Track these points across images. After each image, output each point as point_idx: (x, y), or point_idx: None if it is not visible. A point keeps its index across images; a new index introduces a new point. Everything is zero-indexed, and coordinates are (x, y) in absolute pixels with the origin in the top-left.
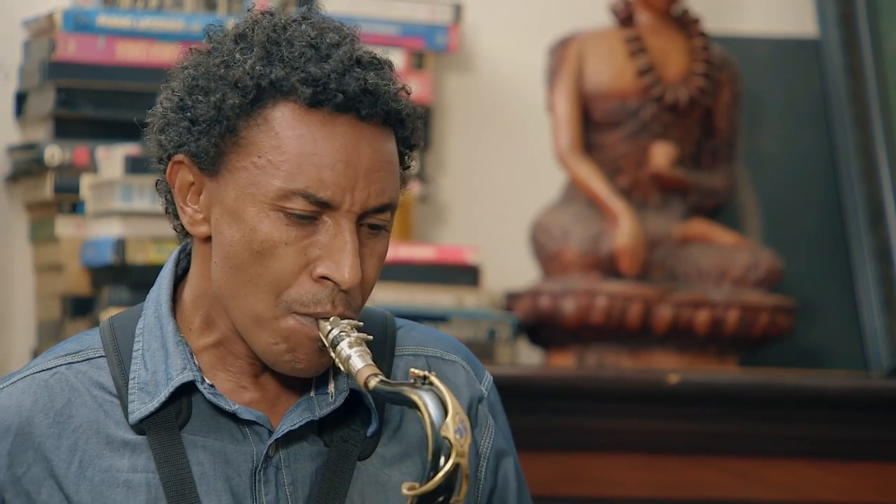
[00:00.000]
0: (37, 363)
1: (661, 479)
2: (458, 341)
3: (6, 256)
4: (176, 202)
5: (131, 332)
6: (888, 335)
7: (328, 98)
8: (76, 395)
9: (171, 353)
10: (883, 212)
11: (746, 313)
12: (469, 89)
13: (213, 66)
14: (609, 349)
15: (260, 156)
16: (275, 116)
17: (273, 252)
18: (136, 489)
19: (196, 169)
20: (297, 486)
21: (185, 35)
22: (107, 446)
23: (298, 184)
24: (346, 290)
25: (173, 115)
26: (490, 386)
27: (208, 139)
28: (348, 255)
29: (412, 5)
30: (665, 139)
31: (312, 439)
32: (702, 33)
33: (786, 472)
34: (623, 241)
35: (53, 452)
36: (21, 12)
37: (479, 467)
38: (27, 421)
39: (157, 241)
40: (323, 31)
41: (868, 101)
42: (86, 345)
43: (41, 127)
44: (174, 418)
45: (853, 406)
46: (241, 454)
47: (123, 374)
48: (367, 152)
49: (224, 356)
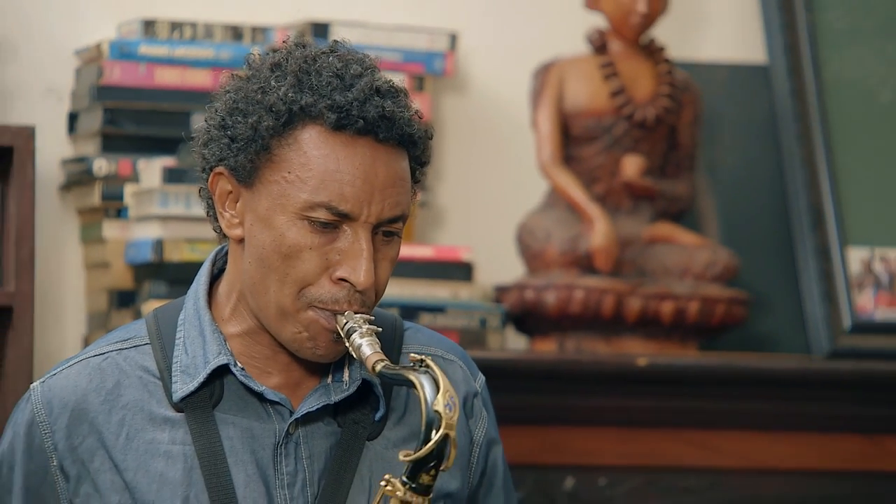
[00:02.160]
0: (91, 349)
1: (632, 450)
2: (456, 344)
3: (60, 256)
4: (216, 208)
5: (173, 322)
6: (827, 323)
7: (350, 123)
8: (124, 376)
9: (208, 340)
10: (823, 217)
11: (706, 304)
12: (463, 108)
13: (252, 91)
14: (586, 336)
15: (290, 171)
16: (303, 137)
17: (299, 255)
18: (174, 459)
19: (234, 180)
20: (313, 460)
21: (215, 62)
22: (150, 422)
23: (322, 197)
24: (361, 291)
25: (215, 133)
26: (483, 384)
27: (245, 155)
28: (364, 260)
29: (413, 35)
30: (635, 152)
31: (328, 420)
32: (666, 60)
33: (739, 442)
34: (598, 241)
35: (104, 426)
36: (73, 43)
37: (473, 453)
38: (82, 398)
39: (190, 242)
40: (348, 62)
41: (810, 120)
42: (133, 333)
43: (90, 142)
44: (208, 399)
45: (797, 385)
46: (265, 431)
47: (166, 358)
48: (383, 170)
49: (251, 345)
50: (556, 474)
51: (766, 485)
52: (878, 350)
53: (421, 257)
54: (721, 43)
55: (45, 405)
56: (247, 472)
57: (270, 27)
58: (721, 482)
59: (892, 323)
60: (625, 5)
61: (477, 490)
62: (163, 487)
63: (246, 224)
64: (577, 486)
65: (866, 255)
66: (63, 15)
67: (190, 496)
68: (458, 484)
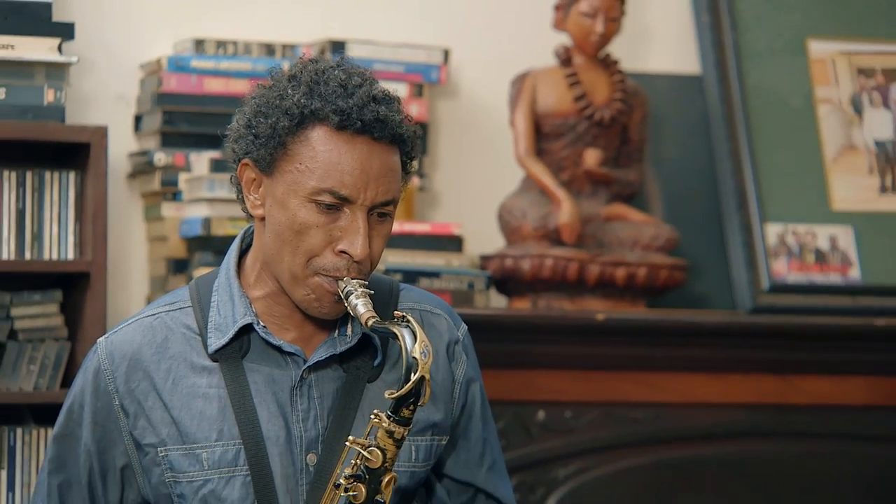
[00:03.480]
0: (145, 311)
1: (592, 388)
2: (442, 300)
3: (127, 231)
4: (243, 192)
5: (209, 289)
6: (749, 285)
7: (351, 124)
8: (171, 333)
9: (237, 303)
10: (746, 199)
11: (652, 270)
12: (454, 111)
13: (272, 97)
14: (554, 296)
15: (301, 163)
16: (313, 135)
17: (307, 231)
18: (211, 399)
19: (257, 169)
20: (323, 399)
21: (252, 73)
22: (191, 369)
23: (327, 184)
24: (358, 262)
25: (243, 131)
26: (465, 332)
27: (266, 149)
28: (360, 237)
29: (413, 51)
30: (594, 146)
31: (335, 367)
32: (619, 71)
33: (678, 382)
34: (564, 218)
35: (155, 373)
36: (138, 58)
37: (455, 390)
38: (137, 351)
39: (232, 220)
40: (350, 74)
41: (736, 121)
42: (178, 298)
43: (152, 139)
44: (238, 351)
45: (725, 335)
46: (283, 376)
47: (204, 318)
48: (377, 163)
49: (272, 306)
50: (530, 408)
51: (699, 416)
52: (790, 307)
53: (420, 232)
54: (663, 57)
55: (108, 356)
56: (269, 410)
57: (298, 44)
58: (663, 414)
59: (801, 285)
60: (585, 27)
61: (459, 420)
62: (202, 422)
63: (266, 205)
64: (547, 418)
65: (781, 229)
66: (129, 36)
67: (223, 429)
68: (442, 416)
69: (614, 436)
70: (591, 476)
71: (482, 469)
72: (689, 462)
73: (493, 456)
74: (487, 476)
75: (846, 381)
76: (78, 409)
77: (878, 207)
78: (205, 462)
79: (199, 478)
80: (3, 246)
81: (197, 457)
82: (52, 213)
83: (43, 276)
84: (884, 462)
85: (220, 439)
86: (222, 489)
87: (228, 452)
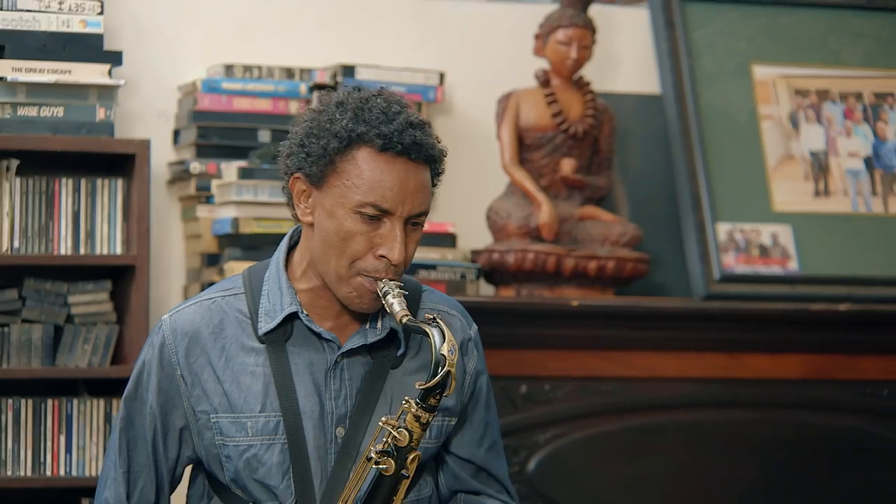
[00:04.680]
0: (204, 294)
1: (568, 365)
2: (456, 302)
3: (167, 230)
4: (294, 201)
5: (261, 279)
6: (703, 276)
7: (392, 147)
8: (226, 316)
9: (284, 293)
10: (700, 202)
11: (619, 263)
12: (449, 126)
13: (323, 121)
14: (535, 285)
15: (348, 179)
16: (359, 155)
17: (352, 238)
18: (257, 376)
19: (308, 183)
20: (353, 381)
21: (274, 93)
22: (242, 349)
23: (370, 198)
24: (395, 265)
25: (296, 149)
26: (475, 331)
27: (317, 167)
28: (398, 243)
29: (413, 74)
30: (569, 156)
31: (364, 354)
32: (591, 91)
33: (642, 359)
34: (544, 218)
35: (211, 350)
36: (176, 81)
37: (466, 380)
38: (196, 330)
39: (257, 220)
40: (390, 102)
41: (691, 134)
42: (233, 284)
43: (188, 150)
44: (283, 335)
45: (682, 318)
46: (320, 360)
47: (255, 304)
48: (413, 181)
49: (315, 298)
50: (514, 382)
51: (660, 388)
52: (738, 294)
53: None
54: (628, 80)
55: (172, 332)
56: (306, 388)
57: (313, 68)
58: (629, 387)
59: (747, 275)
60: (561, 53)
61: (467, 405)
62: (248, 396)
63: (315, 214)
64: (529, 391)
65: (730, 228)
66: (169, 62)
67: (266, 403)
68: (454, 402)
69: (587, 406)
70: (567, 440)
71: (482, 449)
72: (651, 428)
73: (493, 438)
74: (486, 455)
75: (785, 358)
76: (146, 376)
77: (813, 209)
78: (249, 430)
79: (244, 443)
80: (61, 243)
81: (242, 425)
82: (102, 215)
83: (95, 268)
84: (817, 427)
85: (263, 411)
86: (263, 453)
87: (270, 423)
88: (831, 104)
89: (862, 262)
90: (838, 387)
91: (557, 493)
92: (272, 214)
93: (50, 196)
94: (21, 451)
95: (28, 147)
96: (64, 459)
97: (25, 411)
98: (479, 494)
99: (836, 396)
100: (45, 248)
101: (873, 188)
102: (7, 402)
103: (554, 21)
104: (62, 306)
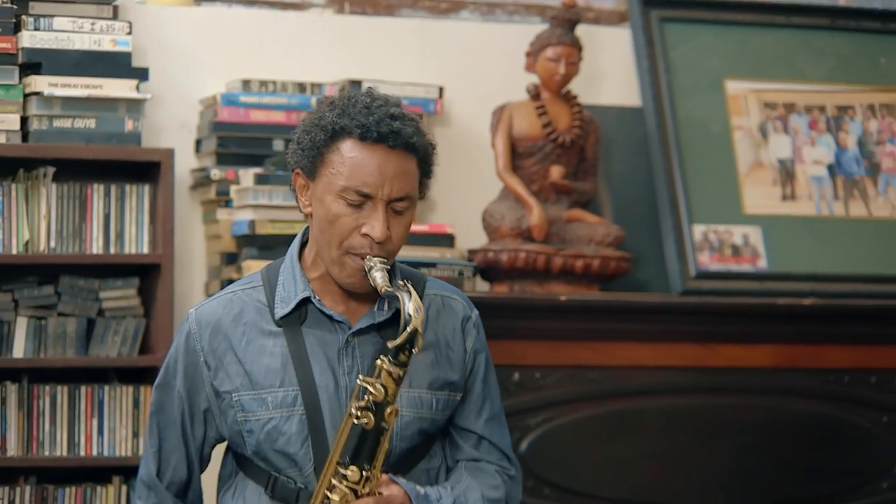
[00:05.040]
0: (227, 289)
1: (556, 354)
2: (457, 289)
3: (190, 231)
4: (297, 195)
5: (277, 271)
6: (680, 273)
7: (369, 135)
8: (245, 305)
9: (298, 281)
10: (678, 205)
11: (604, 261)
12: (448, 136)
13: (315, 119)
14: (527, 282)
15: (333, 168)
16: (342, 146)
17: (339, 220)
18: (275, 356)
19: (305, 176)
20: (363, 358)
21: (287, 106)
22: (260, 333)
23: (352, 183)
24: (379, 242)
25: (296, 147)
26: (476, 314)
27: (308, 159)
28: (379, 222)
29: (415, 88)
30: (558, 163)
31: (373, 334)
32: (578, 104)
33: (625, 350)
34: (535, 220)
35: (233, 336)
36: (198, 95)
37: (466, 357)
38: (218, 320)
39: (272, 222)
40: (374, 98)
41: (669, 144)
42: (252, 279)
43: (209, 158)
44: (298, 319)
45: (661, 312)
46: (333, 340)
47: (272, 293)
48: (391, 167)
49: (324, 285)
50: (507, 371)
51: (641, 376)
52: (712, 290)
53: (420, 231)
54: (612, 93)
55: (197, 323)
56: (321, 365)
57: (323, 83)
58: (613, 375)
59: (721, 272)
60: (551, 69)
61: (468, 380)
62: (268, 373)
63: (313, 204)
64: (521, 378)
65: (704, 229)
66: (191, 78)
67: (285, 379)
68: (457, 377)
69: (574, 392)
70: (556, 424)
71: (481, 420)
72: (632, 412)
73: (492, 410)
74: (486, 426)
75: (755, 349)
76: (173, 364)
77: (781, 212)
78: (269, 404)
79: (265, 416)
80: (93, 243)
81: (263, 400)
82: (130, 218)
83: (124, 266)
84: (784, 411)
85: (281, 386)
86: (283, 424)
87: (289, 396)
88: (797, 116)
89: (825, 261)
90: (804, 374)
91: (548, 472)
92: (286, 217)
93: (83, 200)
94: (57, 433)
95: (63, 156)
96: (96, 441)
97: (61, 397)
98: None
99: (802, 383)
100: (78, 248)
101: (835, 193)
102: (44, 389)
103: (544, 40)
104: (94, 301)
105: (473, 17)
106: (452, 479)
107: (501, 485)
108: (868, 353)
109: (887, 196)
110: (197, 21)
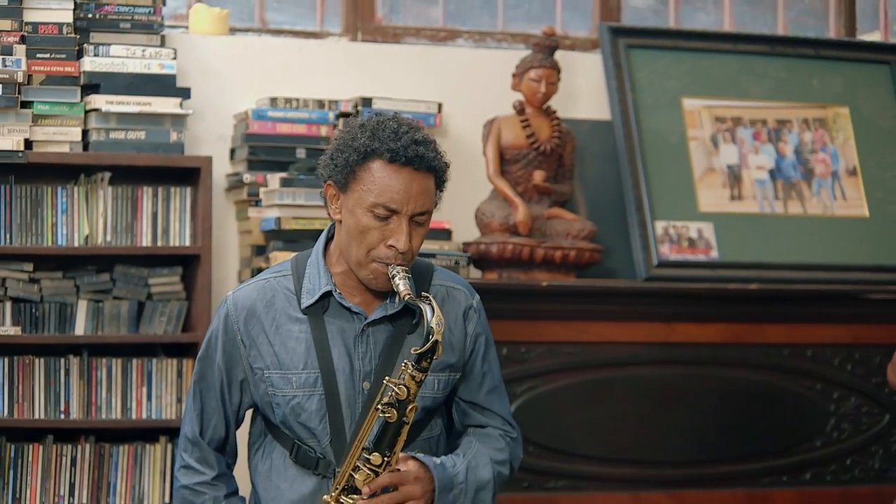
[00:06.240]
0: (260, 276)
1: (539, 332)
2: (463, 278)
3: (225, 227)
4: (327, 203)
5: (304, 263)
6: (644, 262)
7: (398, 159)
8: (276, 293)
9: (322, 276)
10: (642, 205)
11: (579, 252)
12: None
13: (348, 139)
14: (514, 271)
15: (364, 185)
16: (373, 166)
17: (368, 231)
18: (300, 341)
19: (336, 188)
20: (376, 344)
21: (308, 120)
22: (289, 319)
23: (381, 200)
24: (402, 253)
25: (328, 161)
26: (477, 300)
27: (342, 175)
28: (404, 235)
29: (417, 104)
30: (540, 169)
31: (386, 323)
32: (557, 117)
33: (597, 327)
34: (520, 217)
35: (265, 320)
36: (232, 110)
37: (466, 341)
38: (253, 305)
39: (296, 219)
40: (401, 124)
41: (635, 152)
42: (283, 268)
43: (241, 164)
44: (321, 309)
45: (628, 295)
46: (350, 328)
47: (299, 284)
48: (416, 186)
49: (345, 280)
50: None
51: (611, 350)
52: (672, 276)
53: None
54: (586, 108)
55: (234, 306)
56: (339, 350)
57: (339, 100)
58: (587, 349)
59: (679, 261)
60: (533, 88)
61: (469, 359)
62: (294, 356)
63: (342, 213)
64: (508, 353)
65: (665, 224)
66: (226, 96)
67: (308, 361)
68: (456, 359)
69: (553, 364)
70: (538, 392)
71: (482, 392)
72: (604, 381)
73: (492, 384)
74: (487, 397)
75: (709, 326)
76: (214, 340)
77: (730, 210)
78: (294, 383)
79: (290, 393)
80: (142, 237)
81: (289, 379)
82: (175, 215)
83: (169, 257)
84: (733, 380)
85: (305, 368)
86: (305, 402)
87: (310, 377)
88: (743, 129)
89: (768, 252)
90: (749, 349)
91: (532, 433)
92: (307, 215)
93: (134, 201)
94: (112, 399)
95: (117, 163)
96: (145, 406)
97: (115, 369)
98: (485, 427)
99: (748, 356)
100: (130, 241)
101: (776, 194)
102: (101, 362)
103: (527, 63)
104: (144, 287)
105: (468, 44)
106: (463, 445)
107: (505, 447)
108: (804, 331)
109: (820, 197)
110: (232, 48)
